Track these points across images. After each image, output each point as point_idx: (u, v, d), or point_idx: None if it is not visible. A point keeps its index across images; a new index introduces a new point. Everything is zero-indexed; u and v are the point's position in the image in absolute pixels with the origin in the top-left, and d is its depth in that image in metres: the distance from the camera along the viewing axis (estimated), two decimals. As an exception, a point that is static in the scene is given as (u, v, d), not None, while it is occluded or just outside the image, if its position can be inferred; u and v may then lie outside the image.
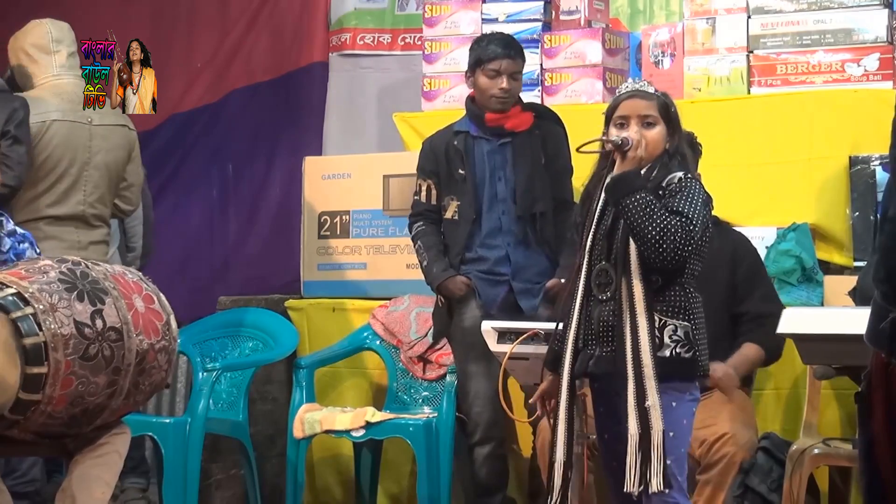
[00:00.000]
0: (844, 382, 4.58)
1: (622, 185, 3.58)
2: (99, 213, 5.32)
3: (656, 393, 3.52)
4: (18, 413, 3.81)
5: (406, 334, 5.42)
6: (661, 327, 3.57)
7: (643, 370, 3.53)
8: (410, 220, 5.14)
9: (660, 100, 3.73)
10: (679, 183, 3.62)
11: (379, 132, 6.86)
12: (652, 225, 3.51)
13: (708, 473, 4.41)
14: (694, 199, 3.59)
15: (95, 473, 4.06)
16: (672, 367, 3.57)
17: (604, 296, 3.64)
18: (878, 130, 5.17)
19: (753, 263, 4.76)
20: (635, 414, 3.53)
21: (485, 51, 4.98)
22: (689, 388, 3.64)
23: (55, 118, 5.18)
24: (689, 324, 3.59)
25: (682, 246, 3.52)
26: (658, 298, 3.59)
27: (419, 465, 5.09)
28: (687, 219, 3.54)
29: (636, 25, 6.34)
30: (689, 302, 3.61)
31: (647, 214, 3.52)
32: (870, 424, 2.36)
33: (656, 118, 3.70)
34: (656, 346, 3.55)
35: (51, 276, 3.89)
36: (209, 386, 5.27)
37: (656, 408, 3.51)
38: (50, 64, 5.29)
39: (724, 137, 5.26)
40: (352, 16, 7.11)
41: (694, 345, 3.59)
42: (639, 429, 3.52)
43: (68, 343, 3.80)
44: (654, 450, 3.51)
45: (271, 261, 6.96)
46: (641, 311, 3.56)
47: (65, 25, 5.40)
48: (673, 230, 3.51)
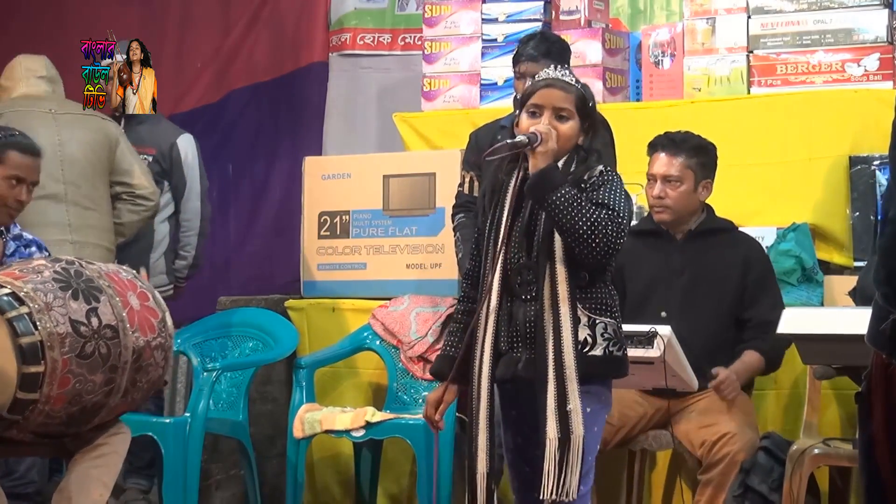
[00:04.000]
0: (844, 382, 4.58)
1: (544, 182, 3.42)
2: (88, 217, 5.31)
3: (578, 397, 3.38)
4: (17, 413, 3.81)
5: (406, 334, 5.42)
6: (592, 325, 3.44)
7: (565, 372, 3.39)
8: (453, 211, 5.16)
9: (577, 92, 3.55)
10: (601, 176, 3.49)
11: (379, 132, 6.87)
12: (582, 220, 3.37)
13: (709, 473, 4.41)
14: (617, 191, 3.47)
15: (94, 474, 4.06)
16: (605, 365, 3.45)
17: (527, 295, 3.48)
18: (878, 130, 5.18)
19: (764, 270, 4.74)
20: (555, 418, 3.38)
21: (516, 52, 5.02)
22: (604, 393, 3.51)
23: (10, 108, 5.18)
24: (615, 321, 3.48)
25: (613, 238, 3.39)
26: (586, 296, 3.46)
27: (419, 465, 5.09)
28: (614, 211, 3.42)
29: (636, 25, 6.34)
30: (613, 299, 3.50)
31: (574, 209, 3.38)
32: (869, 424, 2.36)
33: (571, 112, 3.53)
34: (589, 345, 3.43)
35: (45, 276, 3.89)
36: (209, 386, 5.27)
37: (577, 412, 3.38)
38: (18, 82, 5.31)
39: (724, 137, 5.25)
40: (352, 16, 7.11)
41: (622, 342, 3.49)
42: (558, 433, 3.37)
43: (64, 341, 3.80)
44: (574, 455, 3.38)
45: (271, 261, 6.96)
46: (566, 310, 3.41)
47: (42, 59, 5.43)
48: (603, 223, 3.38)
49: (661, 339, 4.28)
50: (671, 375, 4.37)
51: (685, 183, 4.66)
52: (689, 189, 4.67)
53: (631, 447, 4.75)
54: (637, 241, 4.60)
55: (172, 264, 5.87)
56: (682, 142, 4.70)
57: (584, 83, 3.62)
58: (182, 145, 5.85)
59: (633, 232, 4.62)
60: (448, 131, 5.87)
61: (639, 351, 4.30)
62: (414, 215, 5.64)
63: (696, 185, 4.68)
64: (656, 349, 4.30)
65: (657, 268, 4.72)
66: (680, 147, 4.68)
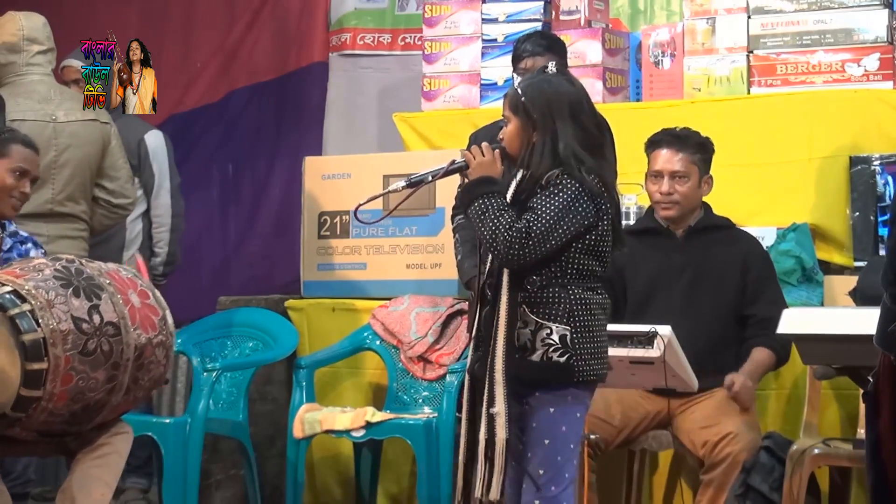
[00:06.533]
0: (844, 382, 4.58)
1: (464, 197, 3.58)
2: (69, 210, 5.28)
3: (503, 401, 3.43)
4: (20, 410, 3.81)
5: (406, 334, 5.42)
6: (536, 330, 3.48)
7: (494, 376, 3.46)
8: (453, 212, 5.15)
9: (510, 97, 3.62)
10: (550, 180, 3.51)
11: (379, 132, 6.87)
12: (485, 227, 3.49)
13: (711, 473, 4.41)
14: (555, 197, 3.47)
15: (96, 474, 4.06)
16: (543, 371, 3.47)
17: (490, 297, 3.58)
18: (878, 130, 5.20)
19: (765, 267, 4.75)
20: (485, 419, 3.48)
21: (516, 50, 5.02)
22: (570, 392, 3.51)
23: (14, 118, 5.16)
24: (568, 327, 3.47)
25: (512, 243, 3.43)
26: (537, 300, 3.50)
27: (419, 465, 5.09)
28: (534, 216, 3.45)
29: (636, 25, 6.34)
30: (574, 305, 3.49)
31: (480, 219, 3.49)
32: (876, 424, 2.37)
33: (508, 116, 3.60)
34: (528, 350, 3.47)
35: (46, 274, 3.91)
36: (209, 386, 5.27)
37: (501, 415, 3.43)
38: (17, 62, 5.27)
39: (724, 137, 5.25)
40: (352, 16, 7.11)
41: (570, 349, 3.47)
42: (486, 435, 3.46)
43: (67, 338, 3.81)
44: (497, 457, 3.44)
45: (271, 261, 6.96)
46: (503, 313, 3.49)
47: (40, 21, 5.36)
48: (503, 229, 3.44)
49: (661, 339, 4.28)
50: (671, 375, 4.37)
51: (691, 178, 4.68)
52: (694, 184, 4.69)
53: (632, 447, 4.76)
54: (636, 240, 4.59)
55: (148, 262, 5.85)
56: (686, 137, 4.71)
57: (528, 83, 3.62)
58: (150, 141, 5.83)
59: (631, 231, 4.64)
60: (448, 131, 5.87)
61: (639, 351, 4.30)
62: (414, 215, 5.64)
63: (700, 181, 4.70)
64: (656, 349, 4.30)
65: (658, 266, 4.72)
66: (685, 143, 4.69)
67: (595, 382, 3.57)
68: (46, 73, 5.28)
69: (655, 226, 4.77)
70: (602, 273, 3.58)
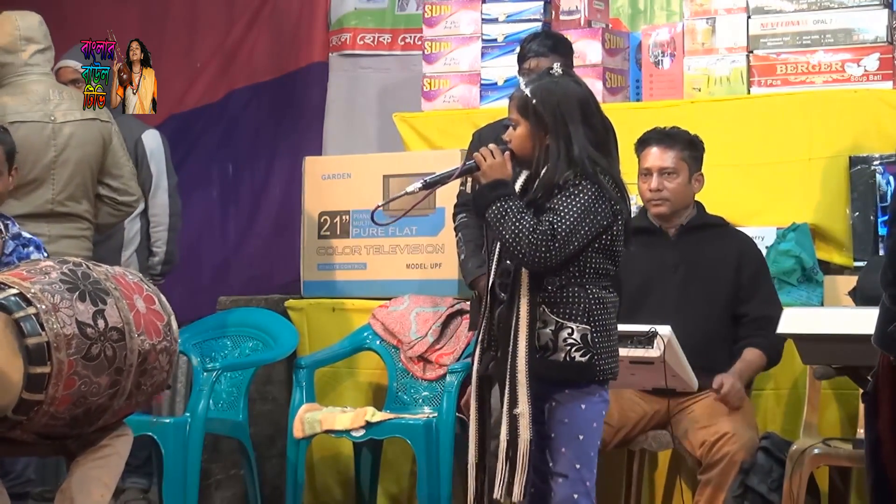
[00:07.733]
0: (844, 382, 4.58)
1: (479, 201, 3.57)
2: (71, 210, 5.28)
3: (527, 401, 3.44)
4: (22, 413, 3.81)
5: (406, 334, 5.42)
6: (557, 330, 3.50)
7: (517, 376, 3.46)
8: (455, 211, 5.14)
9: (518, 99, 3.63)
10: (566, 182, 3.51)
11: (379, 132, 6.87)
12: (506, 230, 3.48)
13: (709, 473, 4.42)
14: (574, 199, 3.49)
15: (95, 475, 4.06)
16: (567, 371, 3.50)
17: (504, 295, 3.57)
18: (878, 130, 5.20)
19: (758, 266, 4.76)
20: (506, 420, 3.47)
21: (521, 50, 5.01)
22: (596, 390, 3.55)
23: (12, 120, 5.15)
24: (588, 327, 3.50)
25: (538, 246, 3.45)
26: (556, 300, 3.51)
27: (419, 465, 5.09)
28: (557, 217, 3.46)
29: (636, 25, 6.34)
30: (592, 304, 3.52)
31: (500, 221, 3.49)
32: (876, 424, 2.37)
33: (517, 118, 3.61)
34: (550, 350, 3.49)
35: (52, 277, 3.90)
36: (209, 386, 5.27)
37: (525, 416, 3.44)
38: (15, 63, 5.26)
39: (724, 137, 5.26)
40: (352, 16, 7.11)
41: (592, 349, 3.50)
42: (507, 436, 3.46)
43: (71, 343, 3.81)
44: (520, 459, 3.44)
45: (271, 261, 6.96)
46: (524, 313, 3.49)
47: (35, 20, 5.33)
48: (527, 232, 3.45)
49: (660, 339, 4.29)
50: (671, 375, 4.37)
51: (681, 175, 4.70)
52: (684, 181, 4.71)
53: (631, 447, 4.76)
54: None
55: (146, 262, 5.86)
56: (675, 135, 4.74)
57: (534, 87, 3.61)
58: (147, 141, 5.83)
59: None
60: (448, 131, 5.87)
61: (639, 351, 4.31)
62: (414, 215, 5.62)
63: (690, 178, 4.71)
64: (656, 349, 4.31)
65: (651, 265, 4.72)
66: (674, 140, 4.72)
67: (610, 380, 3.61)
68: (45, 72, 5.28)
69: (648, 225, 4.77)
70: (614, 272, 3.61)
